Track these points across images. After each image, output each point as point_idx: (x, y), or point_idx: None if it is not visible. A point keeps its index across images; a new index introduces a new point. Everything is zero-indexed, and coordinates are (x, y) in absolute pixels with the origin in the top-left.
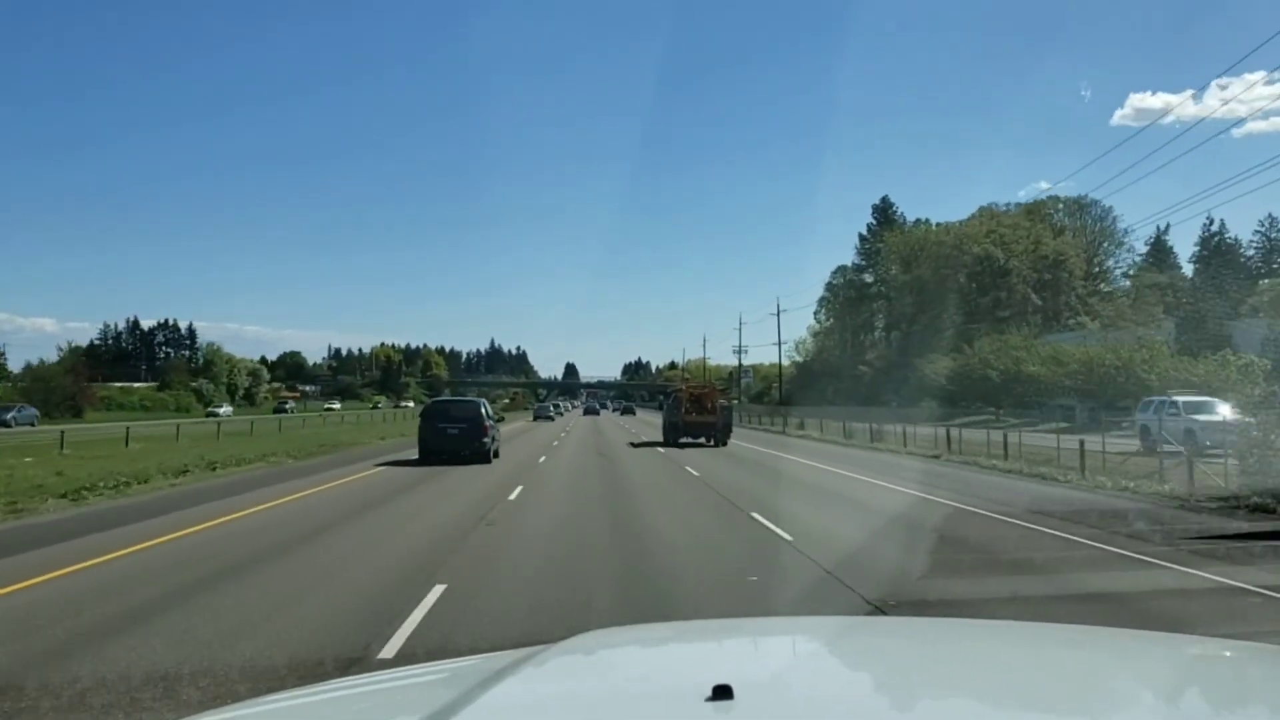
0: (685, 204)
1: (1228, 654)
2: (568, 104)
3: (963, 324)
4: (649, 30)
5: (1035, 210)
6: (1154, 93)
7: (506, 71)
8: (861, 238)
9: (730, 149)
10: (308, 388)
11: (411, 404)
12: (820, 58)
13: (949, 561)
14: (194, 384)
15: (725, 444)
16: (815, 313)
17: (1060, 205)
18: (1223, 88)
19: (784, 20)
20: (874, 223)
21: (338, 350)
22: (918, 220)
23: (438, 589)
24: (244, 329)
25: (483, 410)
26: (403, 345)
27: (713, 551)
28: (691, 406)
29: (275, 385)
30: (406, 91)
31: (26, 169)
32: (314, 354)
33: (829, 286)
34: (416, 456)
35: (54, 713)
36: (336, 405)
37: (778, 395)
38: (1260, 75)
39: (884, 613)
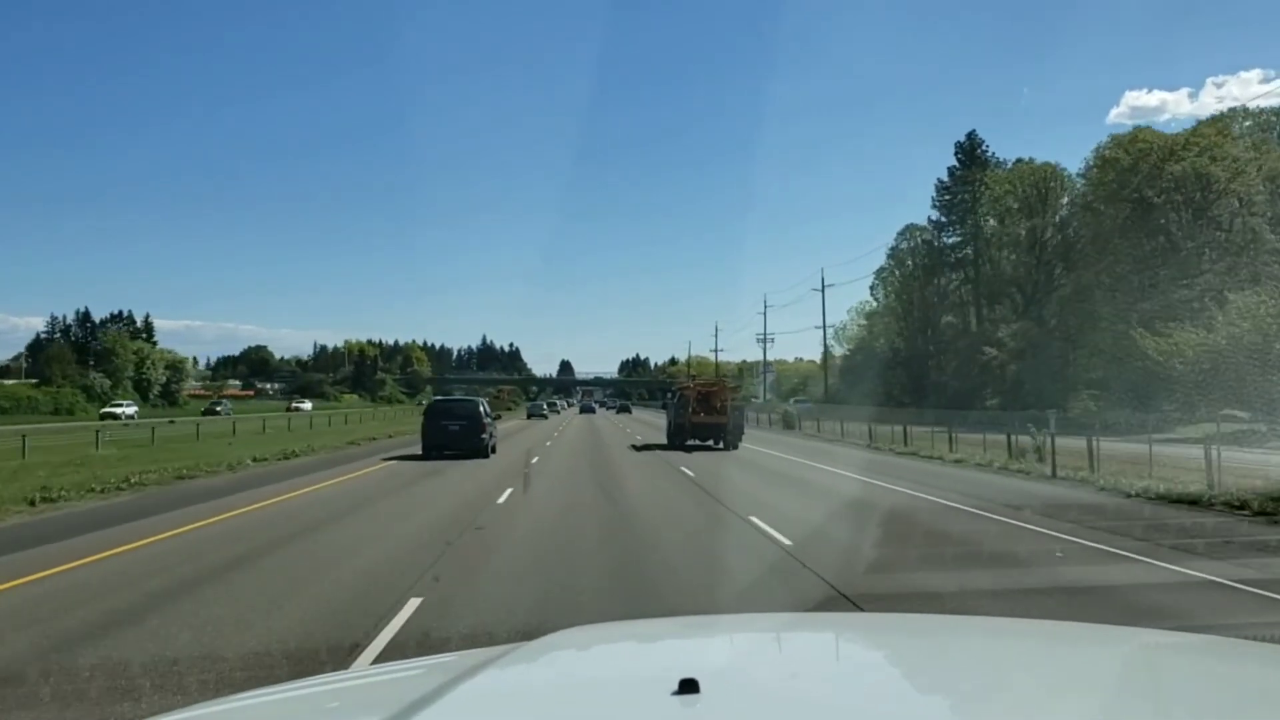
0: (689, 196)
1: (1208, 648)
2: (559, 96)
3: (1148, 285)
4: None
5: (1215, 127)
6: (1150, 90)
7: (500, 57)
8: (941, 186)
9: (727, 139)
10: (270, 386)
11: (308, 405)
12: (819, 47)
13: None
14: (86, 379)
15: (736, 447)
16: (872, 287)
17: (1246, 119)
18: (1218, 85)
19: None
20: (958, 166)
21: (323, 347)
22: (1019, 160)
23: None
24: (240, 328)
25: (481, 408)
26: (390, 342)
27: None
28: (699, 406)
29: (215, 383)
30: (399, 86)
31: (16, 166)
32: (308, 353)
33: (893, 254)
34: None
35: None
36: (128, 409)
37: (822, 391)
38: (1255, 74)
39: None
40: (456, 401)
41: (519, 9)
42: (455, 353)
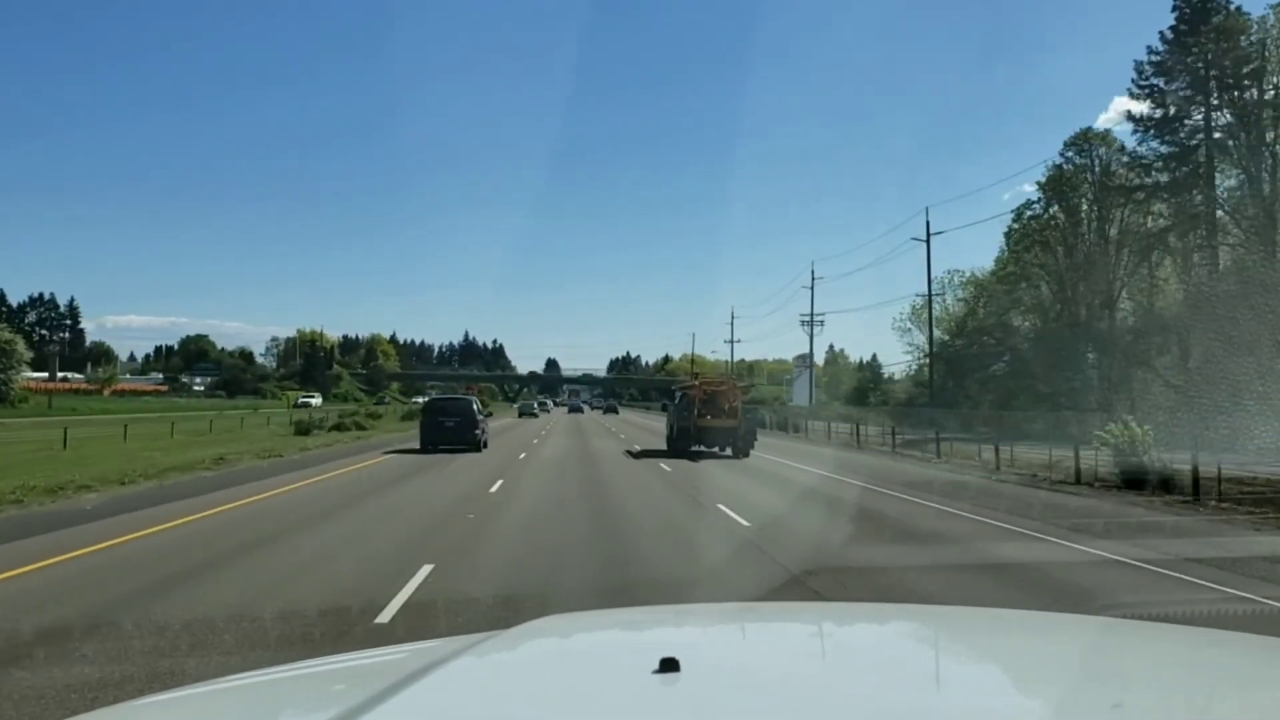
0: (686, 194)
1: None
2: (549, 91)
3: None
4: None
5: None
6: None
7: (488, 52)
8: (1150, 64)
9: (723, 135)
10: (198, 380)
11: None
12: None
13: None
14: None
15: (747, 455)
16: (1006, 234)
17: None
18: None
19: None
20: (1180, 28)
21: (290, 339)
22: None
23: None
24: (225, 325)
25: (474, 406)
26: (367, 336)
27: None
28: (706, 408)
29: (99, 377)
30: (385, 83)
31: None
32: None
33: (1049, 182)
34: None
35: None
36: None
37: (926, 394)
38: None
39: None
40: (451, 400)
41: (508, 3)
42: (436, 349)
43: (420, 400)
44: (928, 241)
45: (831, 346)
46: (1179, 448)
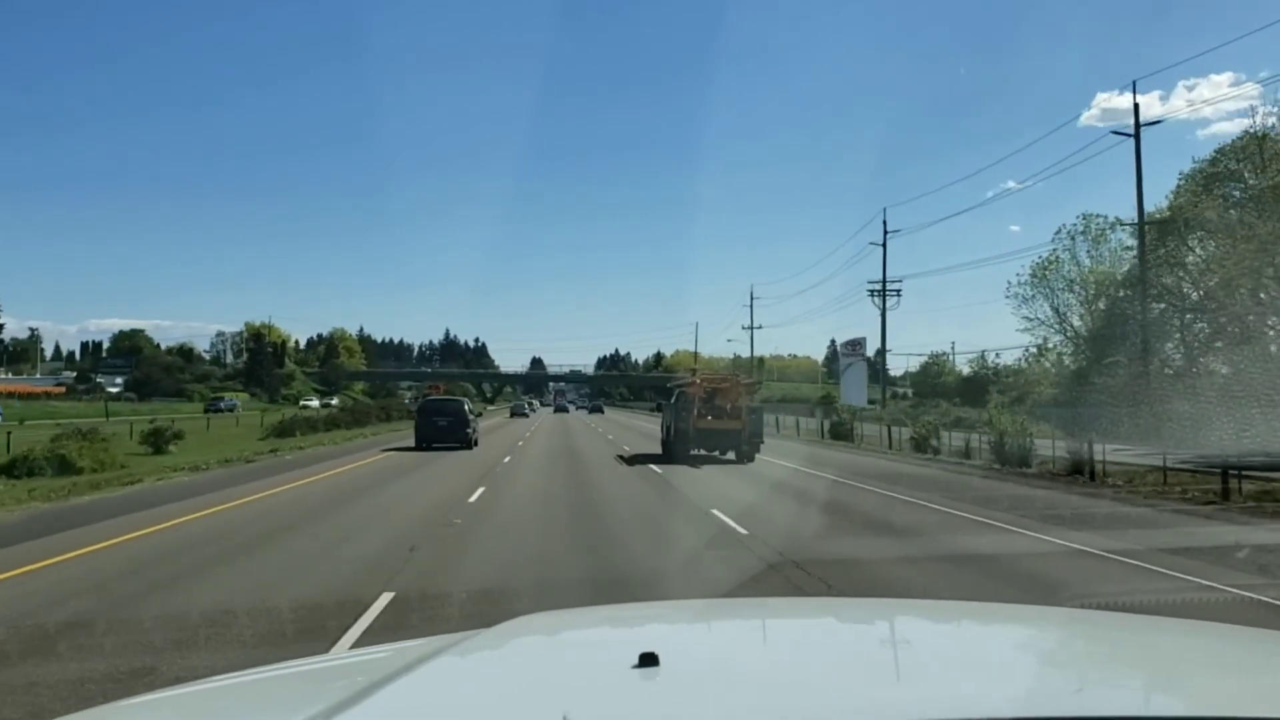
0: (680, 194)
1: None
2: (535, 86)
3: None
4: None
5: None
6: (1120, 92)
7: (478, 49)
8: None
9: (718, 134)
10: (118, 380)
11: None
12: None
13: None
14: None
15: (752, 459)
16: (1259, 135)
17: None
18: (1189, 89)
19: None
20: None
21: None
22: None
23: None
24: (207, 327)
25: (466, 407)
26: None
27: None
28: (706, 407)
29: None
30: (370, 83)
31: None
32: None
33: None
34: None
35: None
36: None
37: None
38: (1226, 77)
39: None
40: (445, 401)
41: (489, 3)
42: (416, 347)
43: (311, 403)
44: (1136, 135)
45: (834, 341)
46: None
